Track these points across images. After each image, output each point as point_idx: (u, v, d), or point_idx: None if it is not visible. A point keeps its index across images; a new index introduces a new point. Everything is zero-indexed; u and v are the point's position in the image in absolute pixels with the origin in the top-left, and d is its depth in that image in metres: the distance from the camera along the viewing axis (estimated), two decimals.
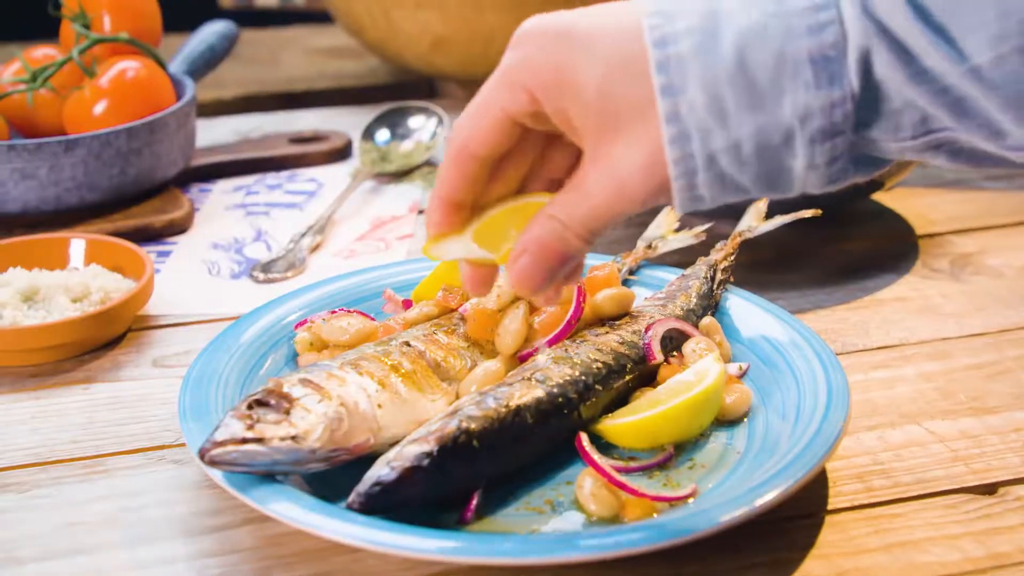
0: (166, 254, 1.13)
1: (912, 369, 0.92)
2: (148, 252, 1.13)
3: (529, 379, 0.78)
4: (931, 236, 1.16)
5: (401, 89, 1.70)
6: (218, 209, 1.24)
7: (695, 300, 0.91)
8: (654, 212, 1.05)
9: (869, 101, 0.59)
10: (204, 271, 1.10)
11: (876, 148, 0.61)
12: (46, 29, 1.31)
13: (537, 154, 0.69)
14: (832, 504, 0.76)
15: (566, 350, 0.82)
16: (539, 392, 0.77)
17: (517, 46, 0.63)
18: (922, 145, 0.60)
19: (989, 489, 0.78)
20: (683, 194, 0.61)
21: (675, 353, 0.86)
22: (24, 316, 0.94)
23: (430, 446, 0.72)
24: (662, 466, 0.77)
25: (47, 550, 0.73)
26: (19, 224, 1.14)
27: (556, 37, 0.62)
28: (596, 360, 0.81)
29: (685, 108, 0.59)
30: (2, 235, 1.09)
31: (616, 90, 0.60)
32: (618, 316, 0.88)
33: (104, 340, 0.96)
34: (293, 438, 0.71)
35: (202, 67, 1.38)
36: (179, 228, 1.17)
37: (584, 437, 0.75)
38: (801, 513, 0.75)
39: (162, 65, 1.27)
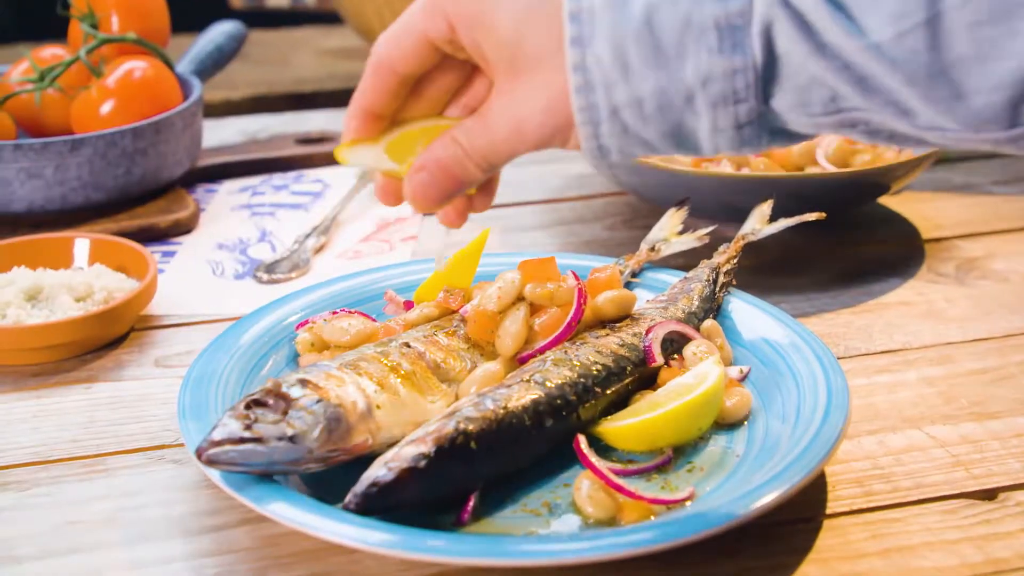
0: (171, 254, 1.14)
1: (915, 374, 0.92)
2: (153, 252, 1.13)
3: (528, 381, 0.78)
4: (937, 240, 1.16)
5: None
6: (224, 210, 1.24)
7: (697, 303, 0.91)
8: (658, 215, 1.05)
9: (773, 73, 0.60)
10: (208, 271, 1.10)
11: (788, 122, 0.62)
12: (55, 29, 1.31)
13: (459, 80, 0.72)
14: (831, 508, 0.76)
15: (566, 352, 0.82)
16: (538, 394, 0.77)
17: None
18: (835, 123, 0.61)
19: (989, 495, 0.77)
20: (588, 143, 0.64)
21: (676, 356, 0.85)
22: (27, 315, 0.94)
23: (427, 447, 0.72)
24: (660, 469, 0.77)
25: (46, 549, 0.73)
26: (25, 223, 1.14)
27: None
28: (596, 362, 0.81)
29: (592, 59, 0.61)
30: (8, 234, 1.09)
31: (528, 34, 0.63)
32: (619, 318, 0.88)
33: (107, 340, 0.97)
34: (291, 438, 0.71)
35: (210, 67, 1.39)
36: (184, 228, 1.18)
37: (582, 439, 0.75)
38: (800, 517, 0.75)
39: (169, 65, 1.27)
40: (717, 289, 0.93)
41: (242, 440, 0.70)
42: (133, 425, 0.87)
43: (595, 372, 0.80)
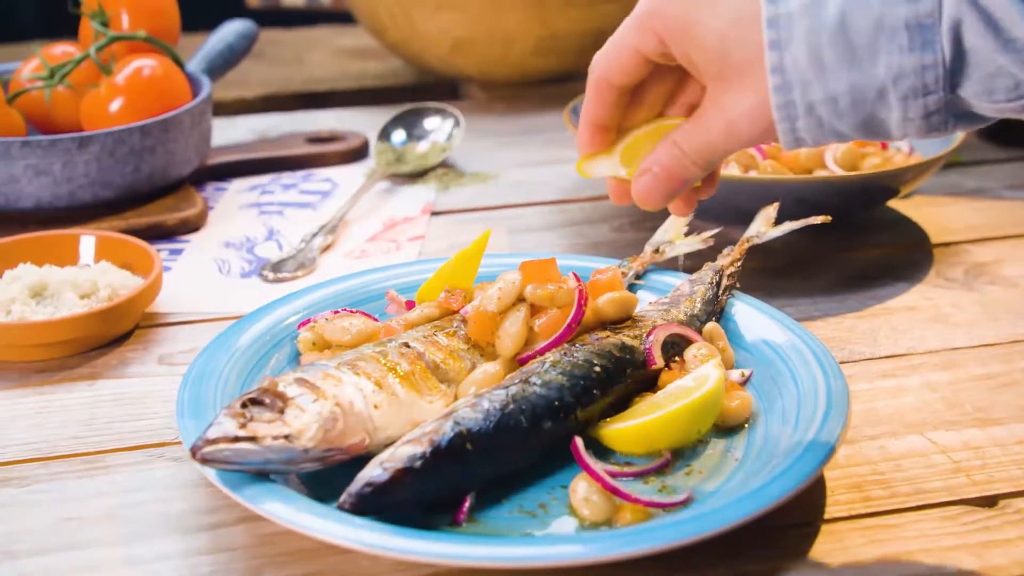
0: (178, 252, 1.14)
1: (918, 379, 0.91)
2: (160, 250, 1.14)
3: (526, 382, 0.78)
4: (947, 245, 1.15)
5: (423, 90, 1.71)
6: (232, 208, 1.24)
7: (699, 305, 0.91)
8: (662, 216, 1.05)
9: (961, 66, 0.64)
10: (215, 269, 1.11)
11: (973, 107, 0.66)
12: (68, 27, 1.32)
13: (674, 82, 0.77)
14: (829, 513, 0.76)
15: (565, 354, 0.81)
16: (535, 395, 0.77)
17: None
18: (1018, 107, 0.65)
19: (989, 501, 0.77)
20: (786, 136, 0.69)
21: (677, 358, 0.85)
22: (32, 312, 0.95)
23: (423, 448, 0.72)
24: (659, 472, 0.77)
25: (43, 545, 0.74)
26: (33, 220, 1.15)
27: None
28: (595, 364, 0.81)
29: (789, 61, 0.66)
30: (15, 231, 1.10)
31: (731, 44, 0.68)
32: (620, 320, 0.87)
33: (111, 337, 0.97)
34: (286, 437, 0.71)
35: (221, 66, 1.39)
36: (192, 226, 1.18)
37: (579, 441, 0.75)
38: (797, 521, 0.75)
39: (179, 63, 1.28)
40: (720, 292, 0.93)
41: (237, 439, 0.70)
42: (135, 422, 0.87)
43: (594, 374, 0.80)
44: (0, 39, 2.71)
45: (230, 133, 1.46)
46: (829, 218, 0.99)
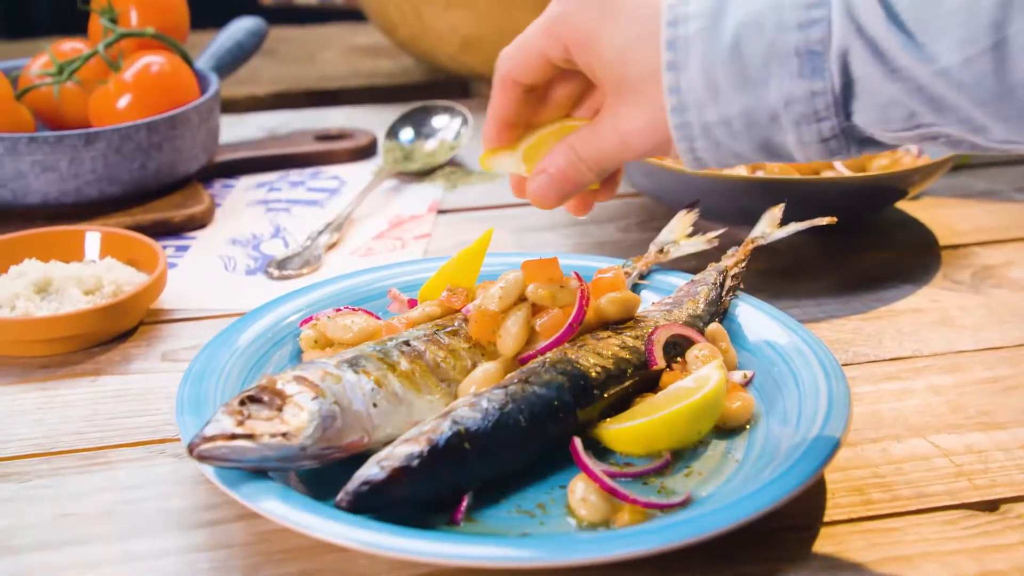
0: (184, 248, 1.14)
1: (923, 382, 0.91)
2: (166, 246, 1.14)
3: (526, 381, 0.78)
4: (955, 247, 1.15)
5: (434, 88, 1.71)
6: (240, 205, 1.24)
7: (703, 306, 0.91)
8: (668, 216, 1.04)
9: (851, 94, 0.65)
10: (220, 266, 1.11)
11: (873, 135, 0.67)
12: (81, 24, 1.32)
13: (581, 86, 0.79)
14: (829, 516, 0.75)
15: (565, 353, 0.81)
16: (535, 395, 0.77)
17: (561, 1, 0.74)
18: (916, 136, 0.66)
19: (991, 506, 0.76)
20: (686, 155, 0.70)
21: (678, 359, 0.85)
22: (36, 307, 0.95)
23: (421, 446, 0.72)
24: (658, 473, 0.77)
25: (42, 540, 0.74)
26: (40, 216, 1.15)
27: (594, 1, 0.72)
28: (595, 365, 0.80)
29: (685, 83, 0.68)
30: (22, 226, 1.10)
31: (629, 61, 0.70)
32: (622, 320, 0.87)
33: (115, 333, 0.97)
34: (283, 435, 0.71)
35: (230, 63, 1.39)
36: (199, 223, 1.18)
37: (578, 441, 0.75)
38: (797, 524, 0.74)
39: (188, 60, 1.28)
40: (724, 292, 0.93)
41: (234, 436, 0.70)
42: (137, 419, 0.87)
43: (594, 374, 0.80)
44: (14, 35, 2.72)
45: (240, 130, 1.46)
46: (835, 219, 0.99)
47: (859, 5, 0.63)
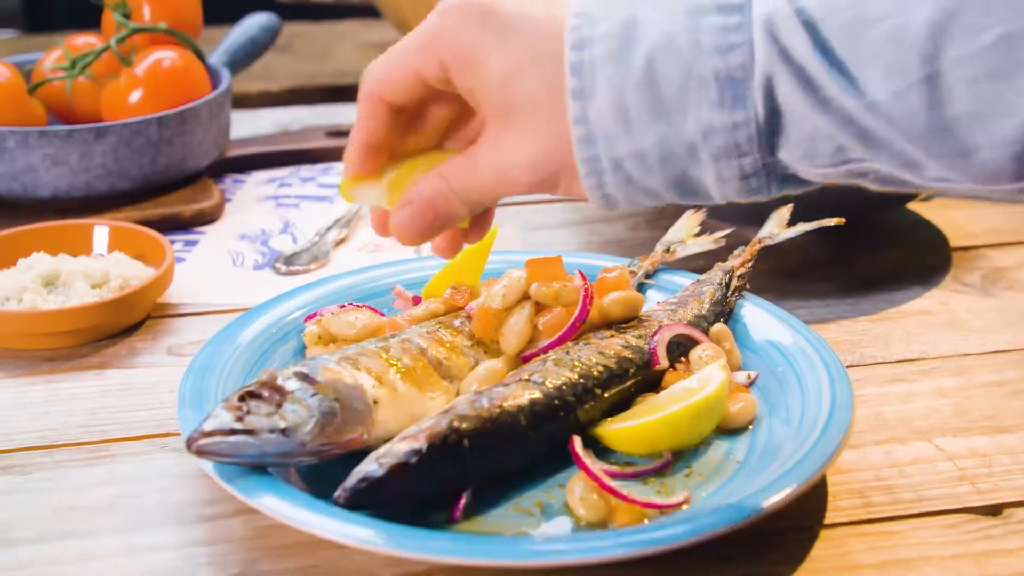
0: (193, 243, 1.14)
1: (929, 384, 0.90)
2: (175, 241, 1.14)
3: (527, 380, 0.78)
4: (965, 249, 1.14)
5: None
6: (249, 200, 1.25)
7: (708, 306, 0.90)
8: (676, 215, 1.04)
9: (776, 126, 0.59)
10: (228, 261, 1.11)
11: (797, 171, 0.62)
12: (98, 20, 1.32)
13: (455, 111, 0.71)
14: (829, 519, 0.75)
15: (567, 352, 0.81)
16: (535, 394, 0.77)
17: (442, 14, 0.65)
18: (844, 172, 0.61)
19: (994, 510, 0.76)
20: (594, 192, 0.63)
21: (682, 359, 0.85)
22: (43, 300, 0.95)
23: (419, 444, 0.72)
24: (658, 473, 0.76)
25: (42, 533, 0.74)
26: (50, 209, 1.15)
27: (480, 16, 0.64)
28: (597, 364, 0.80)
29: (593, 112, 0.61)
30: (33, 220, 1.10)
31: (518, 84, 0.62)
32: (626, 320, 0.87)
33: (121, 327, 0.97)
34: (282, 431, 0.71)
35: (243, 59, 1.39)
36: (208, 218, 1.18)
37: (577, 440, 0.75)
38: (797, 526, 0.74)
39: (200, 56, 1.28)
40: (729, 293, 0.92)
41: (233, 431, 0.70)
42: (141, 412, 0.87)
43: (596, 373, 0.80)
44: (34, 30, 2.73)
45: (252, 125, 1.46)
46: (843, 220, 0.98)
47: (784, 30, 0.57)
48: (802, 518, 0.75)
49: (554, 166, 0.63)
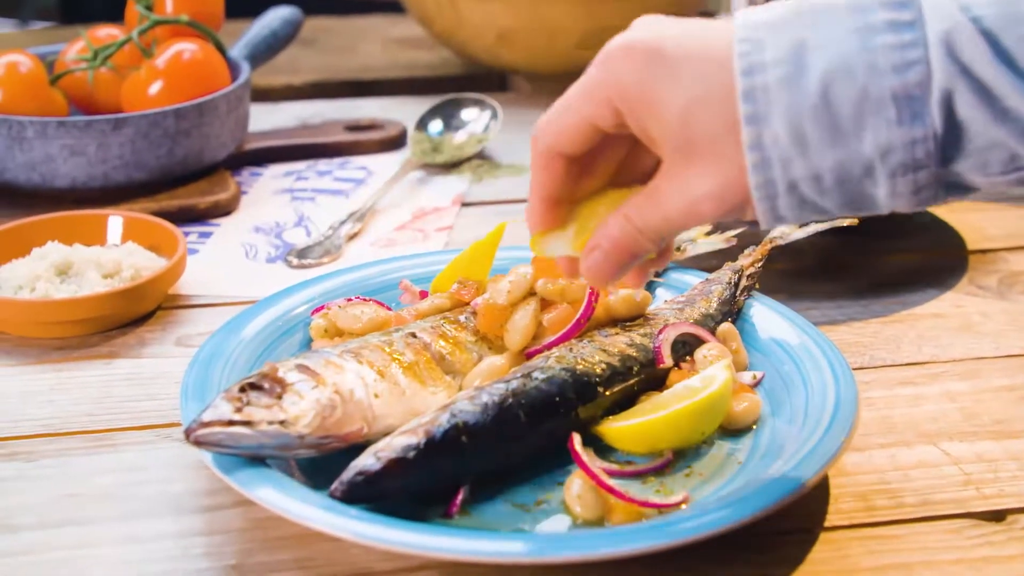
0: (207, 235, 1.15)
1: (938, 387, 0.89)
2: (190, 232, 1.15)
3: (528, 376, 0.77)
4: (983, 252, 1.13)
5: (471, 81, 1.70)
6: (266, 193, 1.25)
7: (715, 305, 0.90)
8: None
9: (953, 139, 0.60)
10: (241, 254, 1.11)
11: (965, 180, 0.62)
12: (120, 12, 1.33)
13: (626, 149, 0.72)
14: (830, 521, 0.74)
15: (571, 349, 0.81)
16: (536, 390, 0.76)
17: (606, 62, 0.66)
18: (1013, 180, 0.61)
19: (997, 516, 0.75)
20: (766, 216, 0.64)
21: (687, 358, 0.84)
22: (55, 289, 0.96)
23: (418, 438, 0.72)
24: (658, 472, 0.76)
25: (42, 520, 0.75)
26: (68, 199, 1.16)
27: (645, 58, 0.64)
28: (600, 361, 0.80)
29: (768, 138, 0.61)
30: (50, 209, 1.11)
31: (696, 119, 0.63)
32: (632, 318, 0.86)
33: (132, 317, 0.98)
34: (281, 423, 0.71)
35: (264, 52, 1.40)
36: (224, 210, 1.19)
37: (576, 438, 0.74)
38: (797, 528, 0.74)
39: (221, 48, 1.28)
40: (738, 292, 0.92)
41: (231, 423, 0.70)
42: (146, 402, 0.88)
43: (598, 371, 0.79)
44: (70, 21, 2.75)
45: (273, 118, 1.47)
46: (856, 220, 0.97)
47: (962, 43, 0.58)
48: (802, 520, 0.74)
49: (739, 194, 0.64)
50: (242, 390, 0.73)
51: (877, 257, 1.11)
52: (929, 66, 0.59)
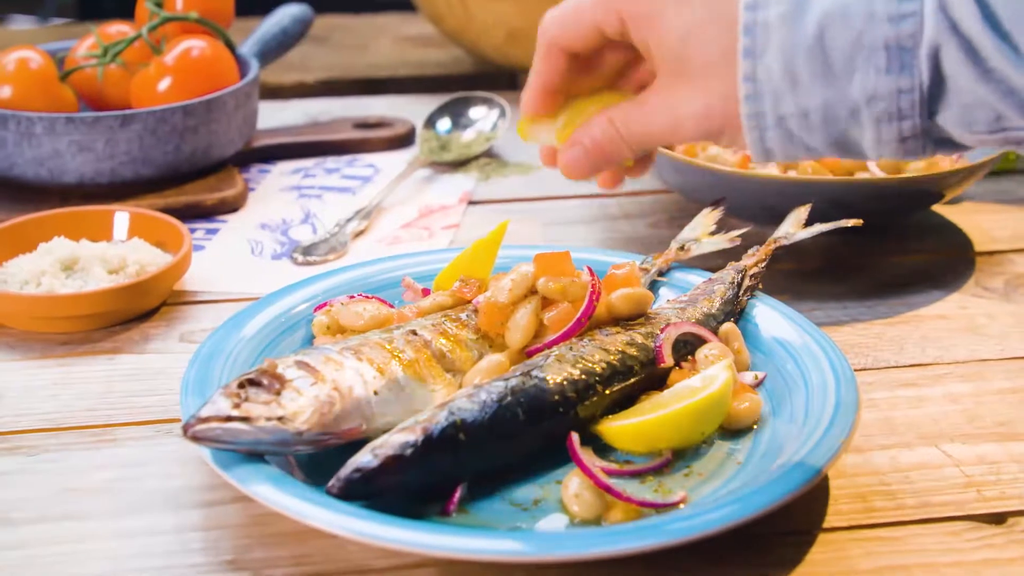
0: (214, 231, 1.15)
1: (940, 389, 0.89)
2: (197, 229, 1.15)
3: (527, 375, 0.77)
4: (990, 254, 1.12)
5: (482, 79, 1.70)
6: (273, 190, 1.25)
7: (718, 305, 0.89)
8: (691, 214, 1.03)
9: (938, 93, 0.62)
10: (247, 250, 1.11)
11: (952, 136, 0.65)
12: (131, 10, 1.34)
13: (627, 57, 0.77)
14: (828, 522, 0.74)
15: (571, 348, 0.81)
16: (535, 389, 0.76)
17: None
18: (999, 140, 0.64)
19: (998, 518, 0.75)
20: (755, 146, 0.67)
21: (688, 358, 0.84)
22: (61, 285, 0.96)
23: (415, 436, 0.71)
24: (656, 472, 0.76)
25: (41, 513, 0.75)
26: (75, 195, 1.16)
27: None
28: (600, 360, 0.80)
29: (763, 72, 0.65)
30: (57, 205, 1.12)
31: (695, 42, 0.67)
32: (633, 317, 0.86)
33: (136, 312, 0.98)
34: (279, 419, 0.71)
35: (275, 49, 1.40)
36: (231, 207, 1.19)
37: (575, 436, 0.74)
38: (794, 529, 0.73)
39: (230, 46, 1.29)
40: (741, 292, 0.92)
41: (229, 418, 0.71)
42: (148, 398, 0.88)
43: (598, 370, 0.79)
44: (87, 17, 2.76)
45: (282, 116, 1.47)
46: (860, 221, 0.97)
47: (954, 2, 0.60)
48: (801, 521, 0.74)
49: (721, 120, 0.68)
50: (241, 386, 0.73)
51: (882, 258, 1.11)
52: (922, 19, 0.61)
